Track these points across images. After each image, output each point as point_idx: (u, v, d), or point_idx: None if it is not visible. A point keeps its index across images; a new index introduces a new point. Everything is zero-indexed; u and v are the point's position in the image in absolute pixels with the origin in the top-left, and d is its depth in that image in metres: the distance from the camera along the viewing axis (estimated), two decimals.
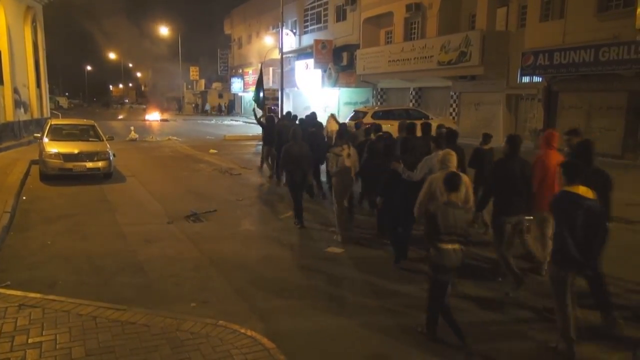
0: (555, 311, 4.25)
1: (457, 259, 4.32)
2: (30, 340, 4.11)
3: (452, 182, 4.43)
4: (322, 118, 13.38)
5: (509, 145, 5.65)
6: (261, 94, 18.41)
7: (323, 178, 10.63)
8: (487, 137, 8.18)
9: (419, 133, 8.66)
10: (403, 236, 6.57)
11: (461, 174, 5.06)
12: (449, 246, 4.26)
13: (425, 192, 5.57)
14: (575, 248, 3.93)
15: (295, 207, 8.37)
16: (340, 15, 30.45)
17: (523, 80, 18.74)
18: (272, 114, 15.94)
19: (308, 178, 8.48)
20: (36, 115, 22.79)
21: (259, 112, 16.12)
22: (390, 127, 12.07)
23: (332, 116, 13.08)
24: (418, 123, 9.05)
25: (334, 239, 7.56)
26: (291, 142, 8.33)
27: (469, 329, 4.48)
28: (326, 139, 11.03)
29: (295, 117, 13.27)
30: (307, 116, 12.50)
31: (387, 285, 5.82)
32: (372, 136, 9.18)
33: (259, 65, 24.50)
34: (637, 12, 13.41)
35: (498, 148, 6.84)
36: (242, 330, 4.35)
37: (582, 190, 3.98)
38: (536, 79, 18.26)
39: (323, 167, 9.37)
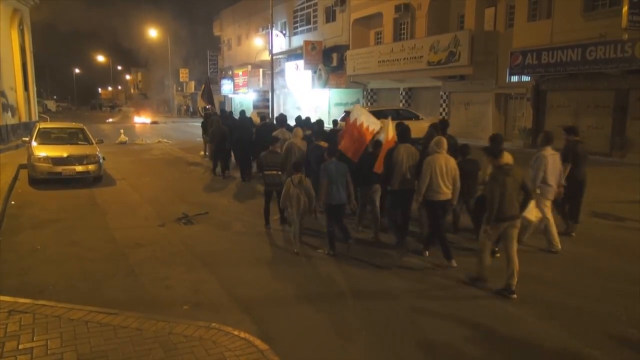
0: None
1: (275, 179, 8.00)
2: (21, 346, 4.07)
3: (273, 139, 8.52)
4: (315, 119, 13.80)
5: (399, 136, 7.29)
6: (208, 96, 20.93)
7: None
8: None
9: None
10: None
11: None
12: (271, 172, 8.00)
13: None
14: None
15: (214, 166, 13.64)
16: (330, 16, 30.45)
17: (512, 80, 18.92)
18: (208, 112, 19.08)
19: (226, 150, 13.26)
20: (24, 118, 22.57)
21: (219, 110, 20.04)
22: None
23: (256, 114, 15.91)
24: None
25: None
26: (215, 126, 13.18)
27: None
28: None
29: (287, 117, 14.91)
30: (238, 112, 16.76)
31: (381, 284, 5.86)
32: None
33: (207, 77, 29.39)
34: (624, 11, 13.56)
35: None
36: (236, 332, 4.34)
37: (322, 144, 8.09)
38: (524, 78, 18.43)
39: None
